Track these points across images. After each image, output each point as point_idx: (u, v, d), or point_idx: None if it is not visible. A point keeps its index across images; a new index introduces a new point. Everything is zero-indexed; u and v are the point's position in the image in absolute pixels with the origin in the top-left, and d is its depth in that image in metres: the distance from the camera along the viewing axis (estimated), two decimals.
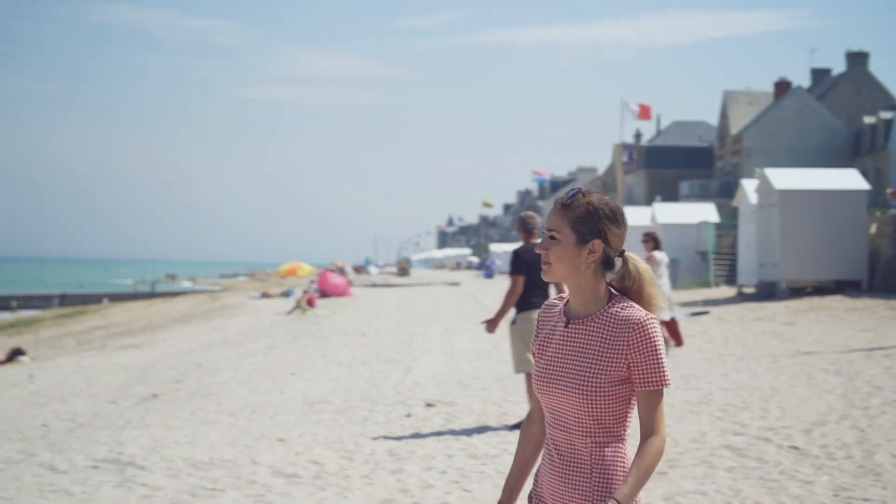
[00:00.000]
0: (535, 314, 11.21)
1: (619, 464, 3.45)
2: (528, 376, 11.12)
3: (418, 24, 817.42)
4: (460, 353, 19.04)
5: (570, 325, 3.52)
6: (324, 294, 43.45)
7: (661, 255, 16.49)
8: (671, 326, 16.80)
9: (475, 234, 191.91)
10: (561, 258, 3.47)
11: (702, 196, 74.58)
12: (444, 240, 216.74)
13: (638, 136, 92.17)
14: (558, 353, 3.53)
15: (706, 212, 44.85)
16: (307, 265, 54.48)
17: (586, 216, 3.46)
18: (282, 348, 21.59)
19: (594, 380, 3.41)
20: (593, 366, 3.42)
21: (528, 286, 11.18)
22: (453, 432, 11.03)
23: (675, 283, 36.54)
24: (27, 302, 62.62)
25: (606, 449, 3.44)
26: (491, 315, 11.30)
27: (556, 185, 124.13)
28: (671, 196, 78.54)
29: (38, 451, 10.62)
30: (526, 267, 11.13)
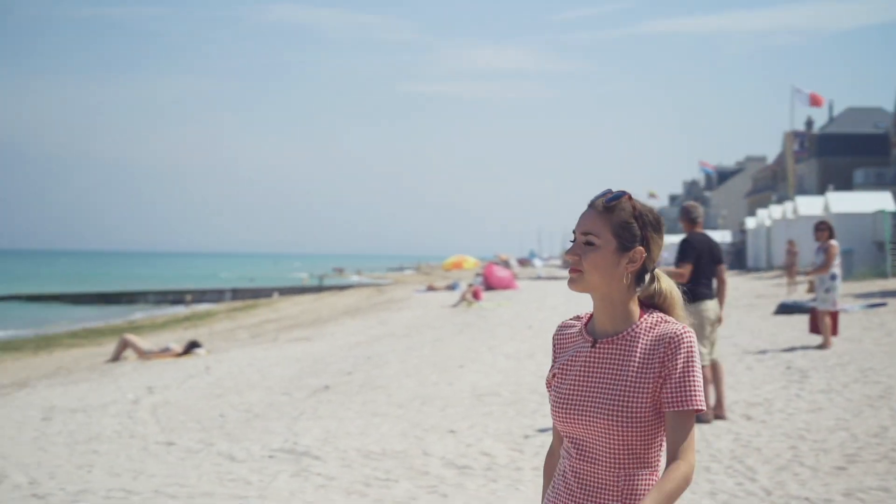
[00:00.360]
0: (705, 304, 11.03)
1: None
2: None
3: (584, 15, 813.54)
4: None
5: (597, 345, 3.14)
6: (489, 287, 43.59)
7: (837, 245, 16.09)
8: (833, 317, 16.39)
9: None
10: (597, 266, 3.09)
11: (877, 185, 72.24)
12: None
13: (809, 123, 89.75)
14: (584, 376, 3.14)
15: (882, 201, 43.44)
16: (472, 258, 54.73)
17: (631, 221, 3.12)
18: (448, 341, 21.71)
19: (629, 405, 3.04)
20: (628, 389, 3.05)
21: (696, 275, 11.02)
22: None
23: (849, 274, 35.47)
24: (201, 296, 64.51)
25: (637, 479, 3.09)
26: None
27: (723, 175, 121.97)
28: (845, 185, 76.21)
29: (216, 441, 10.91)
30: (695, 255, 10.99)
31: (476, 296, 35.12)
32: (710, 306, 11.13)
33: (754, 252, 63.25)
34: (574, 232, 3.15)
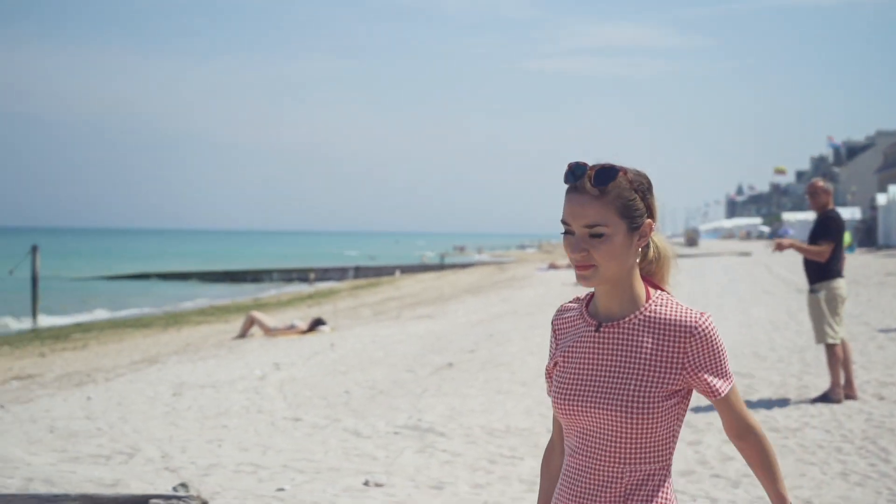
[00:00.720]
0: (837, 282, 10.78)
1: (662, 495, 2.83)
2: (830, 347, 10.69)
3: None
4: (756, 324, 18.51)
5: (602, 329, 2.86)
6: None
7: None
8: None
9: (766, 203, 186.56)
10: (614, 256, 2.76)
11: None
12: (732, 209, 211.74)
13: None
14: (588, 363, 2.87)
15: None
16: None
17: (632, 196, 2.79)
18: None
19: (642, 393, 2.78)
20: (640, 376, 2.79)
21: (834, 253, 10.79)
22: (751, 404, 10.71)
23: None
24: (324, 274, 65.28)
25: (645, 474, 2.82)
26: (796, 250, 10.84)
27: (852, 150, 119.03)
28: None
29: (341, 417, 11.03)
30: (837, 233, 10.76)
31: None
32: (843, 284, 10.86)
33: (885, 229, 61.69)
34: (565, 223, 2.79)
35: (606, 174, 2.76)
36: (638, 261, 2.85)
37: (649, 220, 2.82)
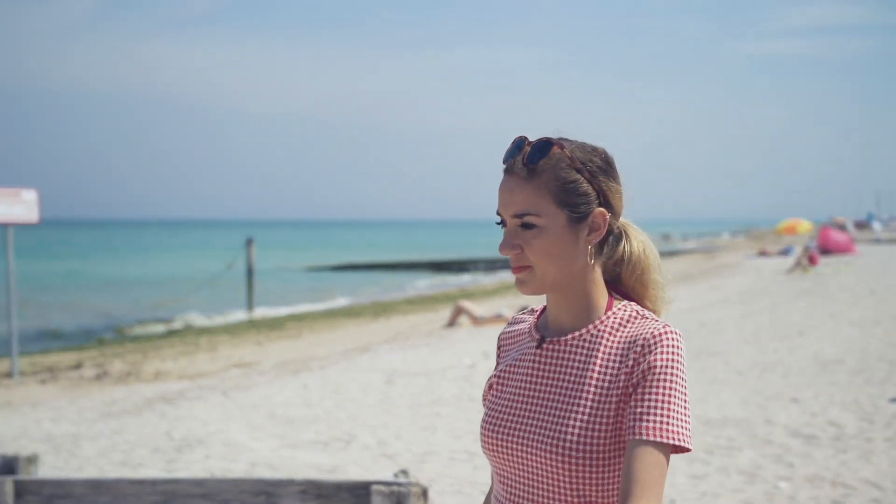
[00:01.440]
0: None
1: None
2: None
3: None
4: None
5: (544, 346, 2.20)
6: (825, 251, 41.88)
7: None
8: None
9: None
10: (551, 254, 2.12)
11: None
12: None
13: None
14: (524, 389, 2.20)
15: None
16: (806, 221, 52.76)
17: (574, 177, 2.13)
18: (785, 307, 21.00)
19: (586, 431, 2.06)
20: (585, 408, 2.08)
21: None
22: None
23: None
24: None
25: None
26: None
27: None
28: None
29: None
30: None
31: (812, 261, 33.80)
32: None
33: None
34: (499, 214, 2.17)
35: (538, 149, 2.14)
36: (601, 262, 2.19)
37: (601, 210, 2.15)
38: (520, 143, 2.16)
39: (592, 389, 2.08)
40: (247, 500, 5.30)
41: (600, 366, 2.10)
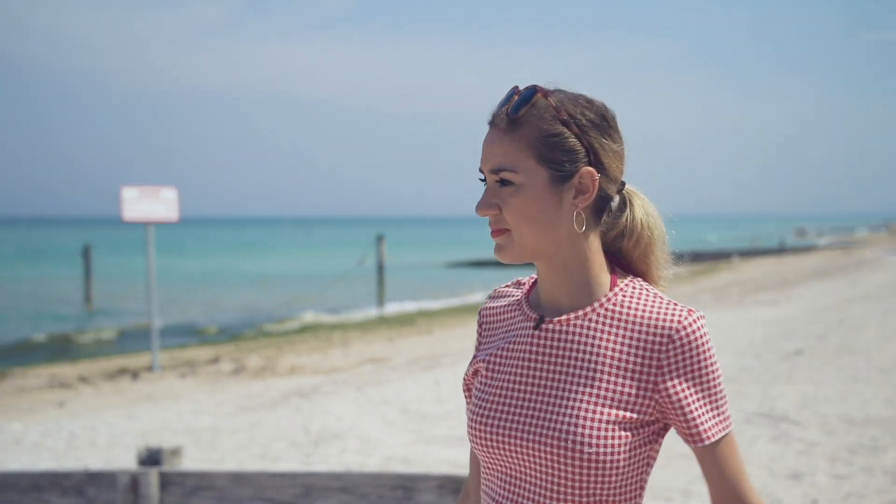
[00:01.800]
0: None
1: None
2: None
3: None
4: None
5: (544, 327, 1.96)
6: None
7: None
8: None
9: None
10: (527, 215, 1.89)
11: None
12: None
13: None
14: (521, 375, 1.96)
15: None
16: None
17: (558, 130, 1.90)
18: None
19: (594, 424, 1.86)
20: (593, 399, 1.88)
21: None
22: None
23: None
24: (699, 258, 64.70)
25: None
26: None
27: None
28: None
29: None
30: None
31: None
32: None
33: None
34: (481, 171, 1.95)
35: (521, 99, 1.91)
36: (598, 232, 1.96)
37: (588, 170, 1.90)
38: (511, 93, 1.93)
39: (606, 377, 1.88)
40: (384, 494, 5.33)
41: (614, 350, 1.89)
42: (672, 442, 4.19)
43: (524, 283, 2.07)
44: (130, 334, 25.51)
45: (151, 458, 6.05)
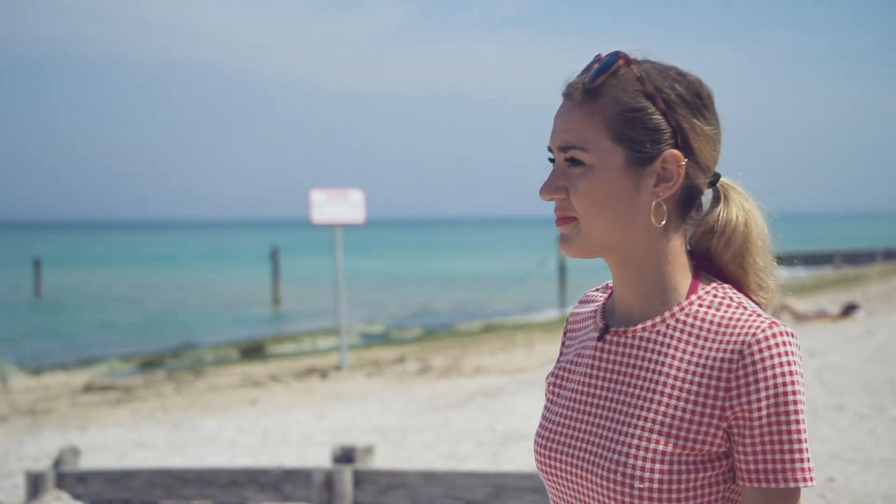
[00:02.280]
0: None
1: None
2: None
3: None
4: None
5: (607, 339, 1.70)
6: None
7: None
8: None
9: None
10: (598, 201, 1.62)
11: None
12: None
13: None
14: (582, 393, 1.71)
15: None
16: None
17: (641, 104, 1.62)
18: None
19: (654, 456, 1.59)
20: (653, 425, 1.60)
21: None
22: None
23: None
24: (850, 258, 62.80)
25: None
26: None
27: None
28: None
29: (888, 406, 10.42)
30: None
31: None
32: None
33: None
34: (549, 149, 1.69)
35: (603, 65, 1.64)
36: (683, 229, 1.68)
37: (674, 153, 1.61)
38: (593, 60, 1.67)
39: (666, 401, 1.60)
40: None
41: (679, 368, 1.60)
42: None
43: (611, 287, 1.79)
44: (318, 334, 26.09)
45: (345, 455, 6.15)
